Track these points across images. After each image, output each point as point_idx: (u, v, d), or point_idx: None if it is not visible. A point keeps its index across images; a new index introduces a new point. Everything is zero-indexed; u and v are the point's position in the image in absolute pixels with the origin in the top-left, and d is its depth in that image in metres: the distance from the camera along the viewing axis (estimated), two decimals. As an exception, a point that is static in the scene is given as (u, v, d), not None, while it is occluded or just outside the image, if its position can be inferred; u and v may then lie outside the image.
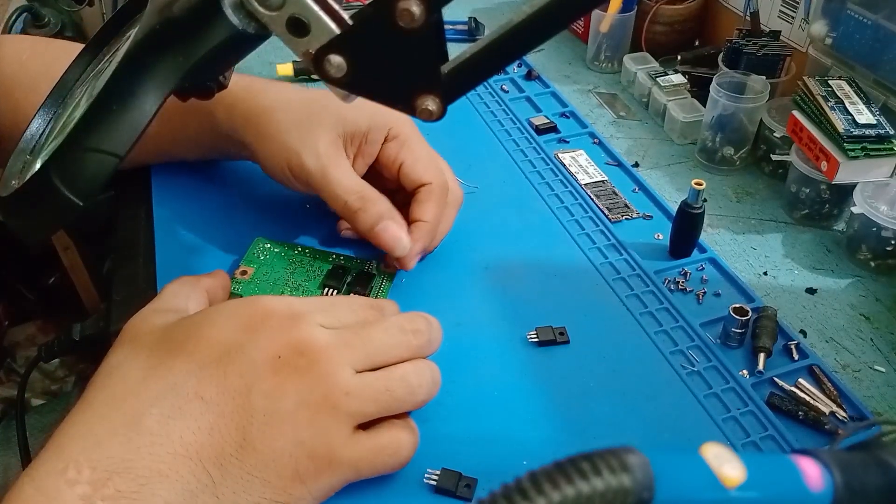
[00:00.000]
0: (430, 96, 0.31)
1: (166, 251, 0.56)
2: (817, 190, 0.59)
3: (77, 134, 0.30)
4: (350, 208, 0.50)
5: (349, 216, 0.51)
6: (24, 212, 0.32)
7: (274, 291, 0.50)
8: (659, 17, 0.79)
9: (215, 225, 0.57)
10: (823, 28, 0.64)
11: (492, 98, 0.75)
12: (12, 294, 1.04)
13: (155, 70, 0.30)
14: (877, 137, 0.55)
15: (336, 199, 0.50)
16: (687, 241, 0.55)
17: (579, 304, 0.52)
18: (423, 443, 0.42)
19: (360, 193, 0.50)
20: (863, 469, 0.25)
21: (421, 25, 0.29)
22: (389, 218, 0.50)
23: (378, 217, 0.50)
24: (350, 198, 0.50)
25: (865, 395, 0.47)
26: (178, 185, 0.61)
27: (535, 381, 0.47)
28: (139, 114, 0.30)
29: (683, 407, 0.45)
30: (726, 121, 0.64)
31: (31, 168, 0.33)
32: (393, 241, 0.50)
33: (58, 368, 0.93)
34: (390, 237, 0.50)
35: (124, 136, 0.30)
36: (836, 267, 0.57)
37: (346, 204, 0.50)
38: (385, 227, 0.50)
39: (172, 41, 0.31)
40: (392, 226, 0.50)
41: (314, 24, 0.30)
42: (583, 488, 0.22)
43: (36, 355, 0.56)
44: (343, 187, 0.50)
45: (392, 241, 0.50)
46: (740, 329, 0.48)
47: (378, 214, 0.50)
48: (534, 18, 0.29)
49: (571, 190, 0.62)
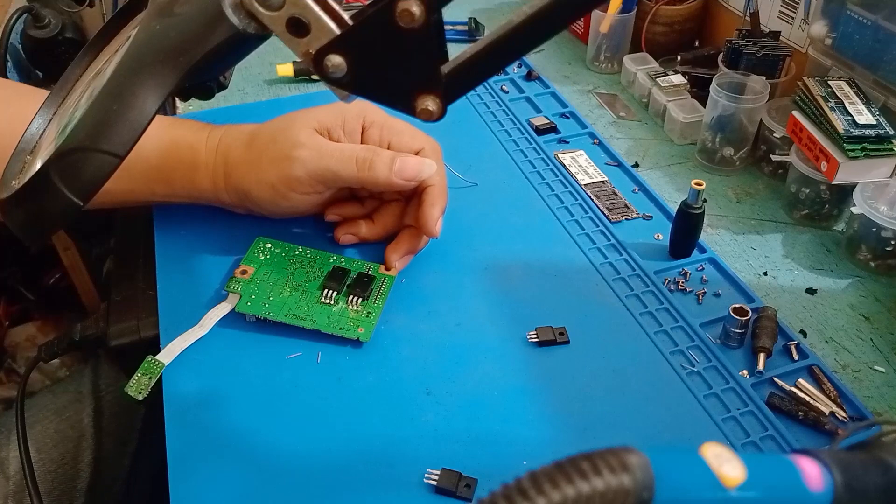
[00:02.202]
0: (430, 96, 0.31)
1: (166, 251, 0.56)
2: (817, 190, 0.59)
3: (77, 134, 0.30)
4: (363, 160, 0.50)
5: (365, 171, 0.50)
6: (24, 212, 0.32)
7: (274, 291, 0.50)
8: (659, 17, 0.79)
9: (215, 225, 0.57)
10: (823, 28, 0.64)
11: (492, 98, 0.75)
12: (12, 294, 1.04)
13: (155, 70, 0.30)
14: (876, 138, 0.55)
15: (345, 162, 0.50)
16: (687, 241, 0.55)
17: (579, 304, 0.52)
18: (423, 443, 0.43)
19: (365, 147, 0.51)
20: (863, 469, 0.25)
21: (421, 25, 0.29)
22: (402, 155, 0.51)
23: (392, 156, 0.51)
24: (358, 152, 0.50)
25: (865, 395, 0.47)
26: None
27: (535, 381, 0.47)
28: (139, 114, 0.30)
29: (683, 407, 0.45)
30: (726, 121, 0.64)
31: (31, 168, 0.33)
32: (419, 166, 0.51)
33: (58, 368, 0.93)
34: (413, 165, 0.51)
35: (124, 136, 0.30)
36: (835, 267, 0.57)
37: (358, 158, 0.50)
38: (404, 161, 0.51)
39: (172, 41, 0.31)
40: (409, 157, 0.51)
41: (314, 25, 0.30)
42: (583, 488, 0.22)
43: (36, 355, 0.56)
44: (347, 149, 0.51)
45: (417, 167, 0.51)
46: (740, 329, 0.48)
47: (391, 154, 0.51)
48: (534, 18, 0.29)
49: (571, 190, 0.62)
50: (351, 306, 0.50)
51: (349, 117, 0.53)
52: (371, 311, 0.50)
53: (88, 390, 0.63)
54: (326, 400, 0.45)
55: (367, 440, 0.43)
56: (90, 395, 0.63)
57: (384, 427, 0.44)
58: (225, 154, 0.53)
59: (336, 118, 0.53)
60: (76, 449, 0.60)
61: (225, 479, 0.41)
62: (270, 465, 0.42)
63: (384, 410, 0.45)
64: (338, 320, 0.49)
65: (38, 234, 0.34)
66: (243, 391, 0.46)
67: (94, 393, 0.63)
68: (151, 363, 0.46)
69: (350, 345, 0.49)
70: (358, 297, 0.50)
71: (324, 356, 0.48)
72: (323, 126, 0.52)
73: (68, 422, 0.61)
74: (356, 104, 0.54)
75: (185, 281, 0.53)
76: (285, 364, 0.48)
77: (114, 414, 0.63)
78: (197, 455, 0.42)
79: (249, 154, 0.52)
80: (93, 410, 0.62)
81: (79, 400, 0.62)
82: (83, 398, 0.62)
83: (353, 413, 0.45)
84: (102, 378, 0.64)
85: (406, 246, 0.53)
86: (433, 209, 0.52)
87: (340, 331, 0.48)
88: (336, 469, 0.42)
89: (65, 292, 1.02)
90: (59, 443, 0.60)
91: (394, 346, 0.49)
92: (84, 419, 0.61)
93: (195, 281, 0.53)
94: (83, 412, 0.62)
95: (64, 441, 0.60)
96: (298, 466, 0.42)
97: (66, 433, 0.60)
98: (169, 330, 0.49)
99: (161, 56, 0.30)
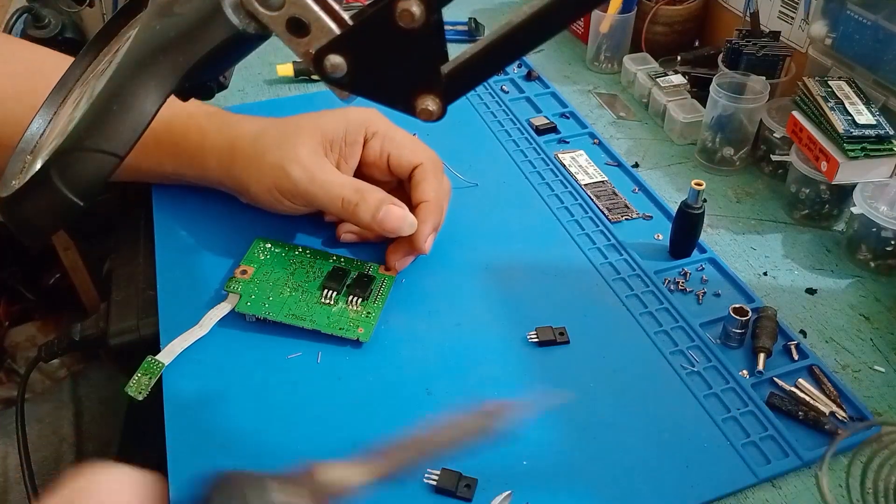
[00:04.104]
0: (430, 96, 0.31)
1: (166, 251, 0.56)
2: (817, 190, 0.59)
3: (77, 134, 0.30)
4: (349, 202, 0.50)
5: (349, 212, 0.51)
6: (24, 212, 0.32)
7: (274, 292, 0.50)
8: (659, 17, 0.79)
9: (215, 225, 0.57)
10: (823, 28, 0.64)
11: (492, 98, 0.75)
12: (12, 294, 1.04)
13: (155, 70, 0.30)
14: (876, 138, 0.55)
15: (332, 199, 0.51)
16: (687, 241, 0.55)
17: (579, 304, 0.52)
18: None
19: (354, 186, 0.51)
20: None
21: (421, 26, 0.29)
22: (389, 202, 0.51)
23: (378, 203, 0.50)
24: (345, 192, 0.50)
25: (865, 396, 0.47)
26: (178, 185, 0.61)
27: (535, 381, 0.47)
28: (139, 114, 0.30)
29: (683, 407, 0.45)
30: (726, 121, 0.64)
31: (32, 168, 0.33)
32: (399, 222, 0.51)
33: (58, 368, 0.93)
34: (395, 218, 0.50)
35: (124, 137, 0.30)
36: (836, 267, 0.57)
37: (344, 199, 0.50)
38: (388, 211, 0.50)
39: (172, 41, 0.30)
40: (394, 209, 0.51)
41: (314, 25, 0.30)
42: None
43: (36, 355, 0.56)
44: (336, 185, 0.51)
45: (398, 222, 0.50)
46: (740, 329, 0.48)
47: (378, 201, 0.50)
48: (534, 19, 0.29)
49: (571, 190, 0.62)
50: (351, 306, 0.50)
51: (352, 128, 0.53)
52: (371, 312, 0.50)
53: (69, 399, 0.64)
54: (326, 400, 0.45)
55: (368, 440, 0.43)
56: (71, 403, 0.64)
57: (384, 427, 0.44)
58: (232, 141, 0.53)
59: (340, 129, 0.53)
60: (57, 452, 0.61)
61: (225, 479, 0.41)
62: (270, 464, 0.42)
63: (384, 410, 0.45)
64: (338, 320, 0.49)
65: (38, 234, 0.34)
66: (243, 391, 0.46)
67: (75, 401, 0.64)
68: (151, 363, 0.46)
69: (350, 345, 0.49)
70: (358, 298, 0.50)
71: (324, 356, 0.48)
72: (326, 138, 0.52)
73: (50, 427, 0.62)
74: (360, 113, 0.54)
75: (185, 281, 0.53)
76: (285, 364, 0.48)
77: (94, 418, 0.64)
78: (197, 455, 0.42)
79: (254, 150, 0.52)
80: (73, 416, 0.63)
81: (59, 408, 0.63)
82: (63, 407, 0.63)
83: (353, 413, 0.45)
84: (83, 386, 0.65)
85: (406, 247, 0.53)
86: (423, 226, 0.52)
87: (340, 331, 0.48)
88: (336, 469, 0.42)
89: (65, 292, 1.02)
90: (42, 447, 0.60)
91: (394, 346, 0.49)
92: (65, 426, 0.62)
93: (195, 281, 0.53)
94: (64, 419, 0.62)
95: (46, 446, 0.60)
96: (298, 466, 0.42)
97: (48, 438, 0.61)
98: (169, 330, 0.49)
99: (161, 56, 0.30)
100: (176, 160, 0.55)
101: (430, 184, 0.53)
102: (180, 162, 0.55)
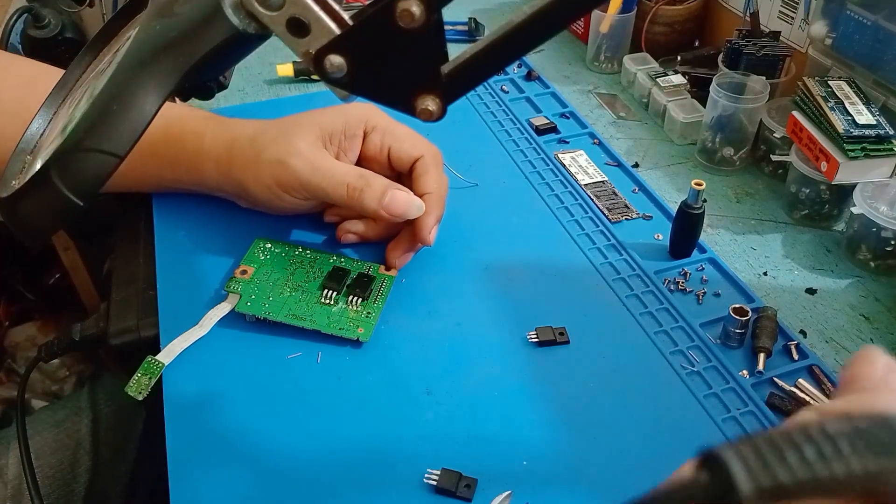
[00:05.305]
0: (430, 96, 0.31)
1: (166, 251, 0.56)
2: (817, 190, 0.59)
3: (77, 134, 0.30)
4: (354, 188, 0.50)
5: (355, 198, 0.50)
6: (24, 212, 0.32)
7: (274, 291, 0.50)
8: (659, 17, 0.79)
9: (215, 225, 0.57)
10: (823, 28, 0.64)
11: (492, 98, 0.75)
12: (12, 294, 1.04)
13: (155, 70, 0.30)
14: (876, 138, 0.55)
15: (336, 186, 0.50)
16: (687, 241, 0.55)
17: (579, 304, 0.52)
18: (423, 443, 0.43)
19: (358, 172, 0.51)
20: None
21: (421, 26, 0.29)
22: (394, 188, 0.51)
23: (384, 188, 0.50)
24: (350, 178, 0.50)
25: (865, 396, 0.47)
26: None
27: (535, 381, 0.47)
28: (139, 114, 0.30)
29: (683, 407, 0.45)
30: (726, 121, 0.64)
31: (32, 168, 0.33)
32: (406, 206, 0.50)
33: (58, 368, 0.93)
34: (401, 202, 0.50)
35: (124, 137, 0.30)
36: (835, 267, 0.57)
37: (349, 185, 0.50)
38: (394, 196, 0.50)
39: (172, 41, 0.31)
40: (400, 193, 0.51)
41: (314, 25, 0.30)
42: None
43: (36, 355, 0.56)
44: (339, 173, 0.51)
45: (405, 206, 0.50)
46: (740, 329, 0.48)
47: (383, 186, 0.50)
48: (534, 18, 0.29)
49: (571, 190, 0.62)
50: (351, 306, 0.50)
51: (351, 122, 0.53)
52: (371, 312, 0.50)
53: (87, 405, 0.64)
54: (326, 400, 0.45)
55: (367, 440, 0.43)
56: (88, 409, 0.63)
57: (384, 427, 0.44)
58: (230, 144, 0.53)
59: (338, 123, 0.53)
60: (74, 456, 0.60)
61: (225, 479, 0.41)
62: (270, 465, 0.42)
63: (384, 410, 0.45)
64: (338, 320, 0.49)
65: (38, 234, 0.34)
66: (243, 391, 0.46)
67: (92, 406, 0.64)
68: (151, 363, 0.46)
69: (350, 345, 0.49)
70: (358, 298, 0.50)
71: (324, 356, 0.48)
72: (325, 132, 0.52)
73: (66, 432, 0.62)
74: (360, 108, 0.54)
75: (185, 281, 0.53)
76: (285, 364, 0.48)
77: (111, 425, 0.64)
78: (197, 455, 0.42)
79: (252, 150, 0.52)
80: (90, 422, 0.63)
81: (76, 413, 0.63)
82: (81, 412, 0.63)
83: (353, 413, 0.45)
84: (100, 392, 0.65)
85: (406, 244, 0.53)
86: (428, 217, 0.52)
87: (340, 331, 0.48)
88: (336, 469, 0.42)
89: (65, 292, 1.02)
90: (57, 450, 0.60)
91: (394, 346, 0.49)
92: (82, 430, 0.62)
93: (195, 281, 0.53)
94: (81, 423, 0.63)
95: (62, 449, 0.60)
96: (298, 466, 0.42)
97: (63, 442, 0.61)
98: (169, 330, 0.49)
99: (161, 56, 0.30)
100: (174, 167, 0.55)
101: (432, 176, 0.53)
102: (178, 169, 0.55)
